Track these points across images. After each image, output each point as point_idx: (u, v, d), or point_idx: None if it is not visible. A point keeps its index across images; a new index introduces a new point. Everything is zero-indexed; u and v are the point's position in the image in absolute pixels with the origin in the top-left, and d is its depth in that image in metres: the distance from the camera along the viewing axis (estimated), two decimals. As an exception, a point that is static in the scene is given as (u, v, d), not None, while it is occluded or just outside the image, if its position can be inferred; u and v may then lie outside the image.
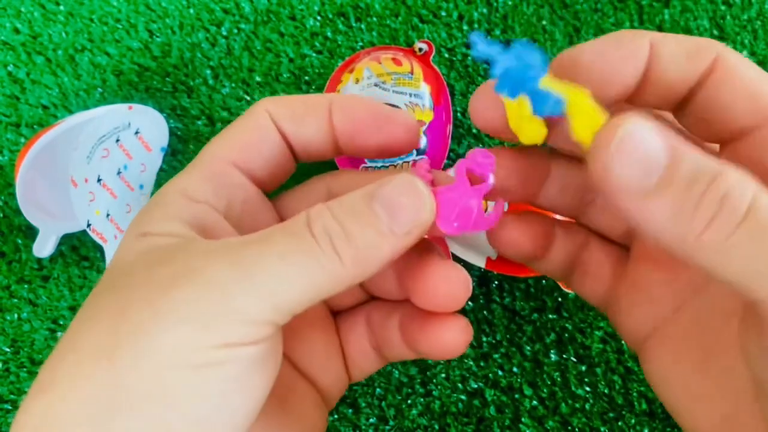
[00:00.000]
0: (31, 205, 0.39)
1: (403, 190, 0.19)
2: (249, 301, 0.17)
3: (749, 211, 0.15)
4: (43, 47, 0.45)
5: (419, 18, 0.43)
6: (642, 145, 0.16)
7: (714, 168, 0.16)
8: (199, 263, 0.18)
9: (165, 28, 0.44)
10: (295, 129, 0.22)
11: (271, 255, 0.17)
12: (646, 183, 0.16)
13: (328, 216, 0.18)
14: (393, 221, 0.18)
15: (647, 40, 0.19)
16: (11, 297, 0.40)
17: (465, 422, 0.35)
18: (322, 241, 0.18)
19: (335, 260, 0.18)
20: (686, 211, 0.16)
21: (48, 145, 0.38)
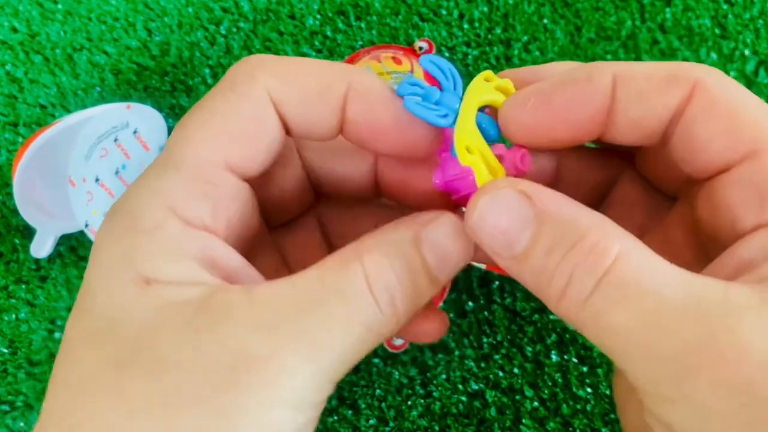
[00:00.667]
0: (29, 205, 0.38)
1: (453, 236, 0.17)
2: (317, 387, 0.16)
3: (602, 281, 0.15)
4: (41, 46, 0.44)
5: (419, 16, 0.43)
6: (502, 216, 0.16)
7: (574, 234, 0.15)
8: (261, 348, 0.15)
9: (163, 26, 0.44)
10: (300, 116, 0.18)
11: (336, 328, 0.16)
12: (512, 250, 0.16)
13: (388, 271, 0.16)
14: (440, 271, 0.17)
15: (609, 76, 0.17)
16: (9, 297, 0.40)
17: (465, 423, 0.35)
18: (384, 303, 0.16)
19: (393, 321, 0.17)
20: (544, 282, 0.16)
21: (46, 144, 0.38)
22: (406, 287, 0.17)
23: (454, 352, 0.36)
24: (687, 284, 0.14)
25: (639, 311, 0.14)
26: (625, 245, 0.15)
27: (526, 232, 0.16)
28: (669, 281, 0.14)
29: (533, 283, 0.16)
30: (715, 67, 0.18)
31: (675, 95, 0.17)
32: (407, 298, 0.17)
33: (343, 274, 0.16)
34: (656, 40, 0.41)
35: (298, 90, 0.18)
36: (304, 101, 0.18)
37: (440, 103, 0.18)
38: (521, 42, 0.41)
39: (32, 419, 0.37)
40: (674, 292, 0.14)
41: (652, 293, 0.14)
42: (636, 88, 0.17)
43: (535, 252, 0.16)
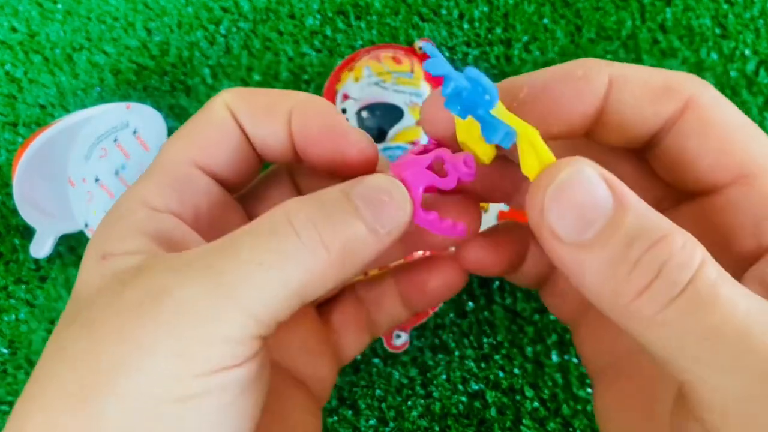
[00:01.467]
0: (29, 205, 0.38)
1: (384, 189, 0.17)
2: (229, 318, 0.15)
3: (689, 286, 0.14)
4: (40, 46, 0.44)
5: (420, 16, 0.43)
6: (582, 193, 0.15)
7: (661, 228, 0.15)
8: (167, 281, 0.16)
9: (163, 26, 0.44)
10: (254, 129, 0.20)
11: (248, 262, 0.16)
12: (582, 234, 0.15)
13: (312, 208, 0.17)
14: (376, 219, 0.17)
15: (605, 77, 0.17)
16: (9, 297, 0.40)
17: (466, 424, 0.35)
18: (306, 235, 0.16)
19: (321, 254, 0.16)
20: (621, 273, 0.15)
21: (45, 144, 0.38)
22: (336, 223, 0.16)
23: (454, 352, 0.36)
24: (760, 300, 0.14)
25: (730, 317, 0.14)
26: (704, 253, 0.14)
27: (603, 217, 0.15)
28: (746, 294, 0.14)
29: (600, 275, 0.15)
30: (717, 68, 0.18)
31: (668, 107, 0.17)
32: (339, 234, 0.16)
33: (264, 217, 0.17)
34: (656, 39, 0.41)
35: (250, 104, 0.20)
36: (255, 114, 0.20)
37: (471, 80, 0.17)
38: (521, 42, 0.41)
39: (32, 420, 0.37)
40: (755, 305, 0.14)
41: (739, 303, 0.14)
42: (630, 93, 0.17)
43: (613, 240, 0.15)
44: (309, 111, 0.20)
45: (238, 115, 0.20)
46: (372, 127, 0.37)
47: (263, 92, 0.21)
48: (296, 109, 0.20)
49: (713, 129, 0.17)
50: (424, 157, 0.19)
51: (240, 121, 0.20)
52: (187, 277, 0.16)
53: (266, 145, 0.21)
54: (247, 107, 0.20)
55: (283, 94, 0.21)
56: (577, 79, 0.18)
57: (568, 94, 0.18)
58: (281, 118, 0.20)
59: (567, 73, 0.18)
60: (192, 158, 0.20)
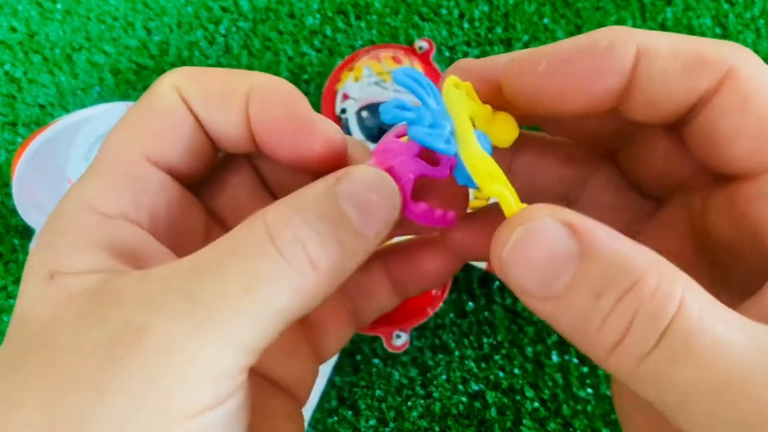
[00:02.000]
0: (28, 205, 0.38)
1: (372, 186, 0.16)
2: (217, 355, 0.14)
3: (663, 337, 0.13)
4: (40, 46, 0.44)
5: (420, 16, 0.43)
6: (542, 249, 0.14)
7: (631, 272, 0.13)
8: (142, 318, 0.14)
9: (163, 26, 0.44)
10: (208, 115, 0.18)
11: (231, 290, 0.14)
12: (549, 289, 0.14)
13: (297, 222, 0.15)
14: (364, 223, 0.16)
15: (632, 48, 0.16)
16: (8, 298, 0.39)
17: (466, 424, 0.35)
18: (292, 255, 0.15)
19: (310, 276, 0.15)
20: (592, 328, 0.14)
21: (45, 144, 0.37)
22: (324, 238, 0.15)
23: (454, 352, 0.36)
24: (752, 335, 0.13)
25: (708, 368, 0.13)
26: (685, 286, 0.13)
27: (569, 269, 0.14)
28: (733, 331, 0.13)
29: (573, 329, 0.14)
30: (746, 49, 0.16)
31: (702, 81, 0.15)
32: (327, 250, 0.15)
33: (243, 233, 0.15)
34: (657, 39, 0.40)
35: (202, 86, 0.18)
36: (208, 98, 0.18)
37: (435, 124, 0.16)
38: (522, 41, 0.41)
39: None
40: (741, 345, 0.13)
41: (721, 348, 0.13)
42: (660, 67, 0.16)
43: (580, 293, 0.14)
44: (268, 96, 0.18)
45: (189, 99, 0.18)
46: (372, 127, 0.37)
47: (216, 72, 0.18)
48: (254, 93, 0.18)
49: (754, 107, 0.15)
50: (412, 143, 0.17)
51: (191, 106, 0.18)
52: (166, 313, 0.14)
53: (222, 134, 0.18)
54: (199, 90, 0.18)
55: (240, 75, 0.18)
56: (602, 52, 0.16)
57: (591, 69, 0.16)
58: (237, 103, 0.18)
59: (590, 45, 0.16)
60: (142, 151, 0.17)
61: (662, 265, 0.14)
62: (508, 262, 0.14)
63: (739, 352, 0.13)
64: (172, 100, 0.18)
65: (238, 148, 0.19)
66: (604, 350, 0.14)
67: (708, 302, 0.13)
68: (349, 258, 0.16)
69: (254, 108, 0.18)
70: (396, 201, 0.16)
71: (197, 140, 0.18)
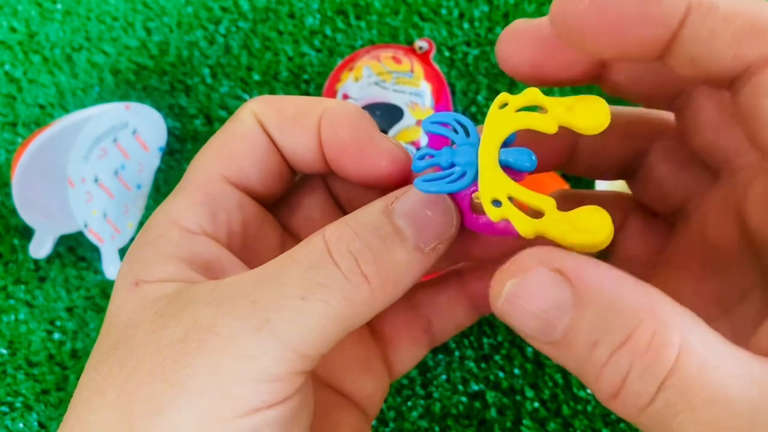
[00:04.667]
0: (28, 206, 0.38)
1: (427, 203, 0.17)
2: (275, 356, 0.15)
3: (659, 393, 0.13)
4: (40, 46, 0.44)
5: (420, 16, 0.43)
6: (536, 301, 0.14)
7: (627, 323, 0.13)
8: (209, 319, 0.15)
9: (163, 26, 0.44)
10: (283, 138, 0.20)
11: (291, 296, 0.15)
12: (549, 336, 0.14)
13: (351, 237, 0.16)
14: (419, 237, 0.17)
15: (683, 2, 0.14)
16: (8, 298, 0.39)
17: (466, 424, 0.35)
18: (347, 268, 0.16)
19: (364, 287, 0.16)
20: (590, 375, 0.14)
21: (45, 144, 0.38)
22: (376, 253, 0.16)
23: (454, 352, 0.36)
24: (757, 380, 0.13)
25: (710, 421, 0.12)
26: (684, 332, 0.13)
27: (565, 316, 0.14)
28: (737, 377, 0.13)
29: (576, 372, 0.14)
30: None
31: (751, 51, 0.14)
32: (379, 265, 0.16)
33: (304, 246, 0.16)
34: (657, 39, 0.40)
35: (277, 113, 0.20)
36: (283, 122, 0.19)
37: (456, 161, 0.17)
38: (521, 41, 0.41)
39: (31, 420, 0.37)
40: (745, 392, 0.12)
41: (723, 398, 0.12)
42: (708, 28, 0.14)
43: (578, 341, 0.14)
44: (337, 119, 0.19)
45: (267, 124, 0.20)
46: (372, 127, 0.37)
47: (292, 100, 0.20)
48: (325, 117, 0.19)
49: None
50: None
51: (268, 131, 0.20)
52: (231, 313, 0.15)
53: (297, 156, 0.20)
54: (275, 116, 0.20)
55: (312, 102, 0.20)
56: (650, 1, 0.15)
57: (636, 14, 0.15)
58: (310, 127, 0.19)
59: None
60: (222, 173, 0.19)
61: (661, 309, 0.13)
62: (504, 313, 0.15)
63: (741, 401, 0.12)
64: (251, 125, 0.19)
65: (312, 169, 0.20)
66: (605, 397, 0.14)
67: (712, 347, 0.13)
68: (403, 271, 0.17)
69: (325, 130, 0.19)
70: (452, 217, 0.17)
71: (273, 162, 0.20)
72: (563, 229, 0.15)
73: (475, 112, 0.40)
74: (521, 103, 0.17)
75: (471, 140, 0.17)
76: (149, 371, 0.15)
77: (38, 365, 0.38)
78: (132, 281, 0.17)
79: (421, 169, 0.18)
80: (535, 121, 0.16)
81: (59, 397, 0.37)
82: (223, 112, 0.42)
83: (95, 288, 0.39)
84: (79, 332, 0.38)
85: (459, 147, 0.17)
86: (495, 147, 0.16)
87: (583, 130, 0.16)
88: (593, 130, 0.15)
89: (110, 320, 0.17)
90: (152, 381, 0.15)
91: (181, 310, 0.16)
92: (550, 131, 0.16)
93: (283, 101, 0.20)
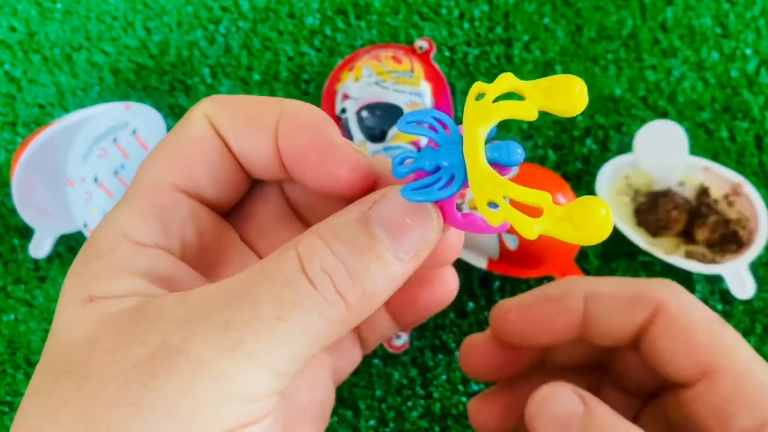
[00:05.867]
0: (28, 205, 0.38)
1: (407, 209, 0.16)
2: (250, 378, 0.15)
3: None
4: (39, 45, 0.44)
5: (420, 16, 0.42)
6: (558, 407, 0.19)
7: None
8: (179, 340, 0.14)
9: (162, 26, 0.44)
10: (238, 143, 0.18)
11: (265, 316, 0.15)
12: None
13: (326, 254, 0.15)
14: (398, 246, 0.16)
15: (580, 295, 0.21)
16: (7, 298, 0.39)
17: (466, 425, 0.35)
18: (323, 287, 0.15)
19: (339, 306, 0.15)
20: None
21: (44, 144, 0.38)
22: (351, 270, 0.15)
23: (454, 352, 0.36)
24: None
25: None
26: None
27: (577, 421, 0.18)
28: None
29: None
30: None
31: (638, 315, 0.21)
32: (355, 282, 0.16)
33: (276, 260, 0.16)
34: (657, 39, 0.40)
35: (231, 113, 0.18)
36: (236, 124, 0.18)
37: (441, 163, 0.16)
38: (522, 41, 0.41)
39: (31, 420, 0.37)
40: None
41: None
42: (604, 307, 0.21)
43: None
44: (295, 122, 0.18)
45: (220, 127, 0.18)
46: (372, 127, 0.37)
47: (247, 100, 0.19)
48: (282, 120, 0.18)
49: (680, 332, 0.20)
50: None
51: (222, 134, 0.18)
52: (202, 334, 0.15)
53: (252, 161, 0.19)
54: (229, 118, 0.18)
55: (269, 102, 0.18)
56: (556, 301, 0.22)
57: (550, 314, 0.22)
58: (267, 130, 0.18)
59: (546, 296, 0.22)
60: (173, 181, 0.18)
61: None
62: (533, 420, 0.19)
63: None
64: (202, 129, 0.18)
65: (269, 175, 0.19)
66: None
67: None
68: (380, 286, 0.16)
69: (282, 134, 0.18)
70: (434, 223, 0.16)
71: (227, 168, 0.19)
72: (565, 228, 0.15)
73: (475, 112, 0.40)
74: (498, 91, 0.16)
75: (453, 138, 0.16)
76: (113, 394, 0.14)
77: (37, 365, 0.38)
78: (84, 297, 0.16)
79: (403, 174, 0.17)
80: (516, 110, 0.16)
81: (59, 397, 0.37)
82: (223, 111, 0.42)
83: (95, 288, 0.39)
84: (79, 332, 0.38)
85: (441, 147, 0.16)
86: (480, 144, 0.16)
87: (561, 113, 0.16)
88: (572, 112, 0.16)
89: (59, 338, 0.16)
90: (116, 404, 0.14)
91: (145, 327, 0.15)
92: (531, 118, 0.16)
93: (237, 102, 0.19)
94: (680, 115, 0.39)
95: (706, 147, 0.38)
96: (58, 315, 0.16)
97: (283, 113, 0.18)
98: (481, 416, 0.24)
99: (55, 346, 0.16)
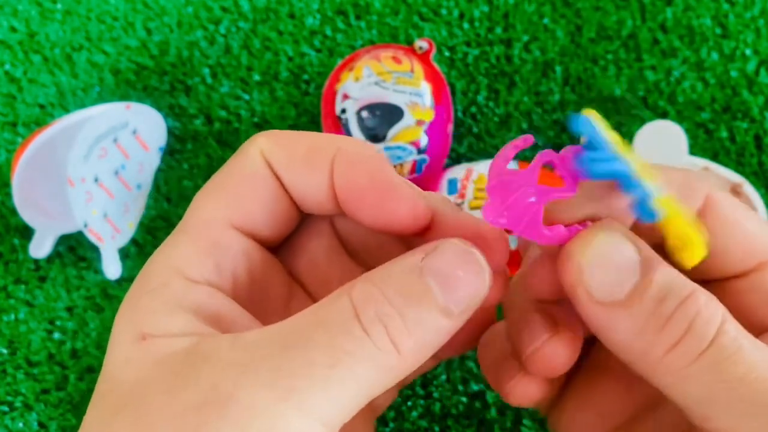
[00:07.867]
0: (28, 205, 0.38)
1: (459, 262, 0.16)
2: (297, 425, 0.14)
3: (715, 339, 0.15)
4: (40, 46, 0.44)
5: (420, 16, 0.43)
6: (614, 255, 0.16)
7: (686, 287, 0.16)
8: (230, 385, 0.15)
9: (163, 26, 0.44)
10: (293, 180, 0.19)
11: (317, 364, 0.15)
12: (616, 292, 0.16)
13: (380, 301, 0.15)
14: (449, 299, 0.16)
15: None
16: (8, 298, 0.39)
17: (466, 424, 0.35)
18: (376, 335, 0.15)
19: (392, 356, 0.15)
20: (652, 329, 0.16)
21: (45, 144, 0.38)
22: (406, 319, 0.15)
23: (454, 352, 0.36)
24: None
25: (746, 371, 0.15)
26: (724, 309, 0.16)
27: (632, 279, 0.16)
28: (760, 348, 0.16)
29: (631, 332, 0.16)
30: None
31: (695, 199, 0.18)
32: (410, 331, 0.15)
33: (330, 307, 0.16)
34: (657, 39, 0.40)
35: (287, 151, 0.18)
36: (293, 163, 0.18)
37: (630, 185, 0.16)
38: (522, 41, 0.41)
39: (31, 420, 0.37)
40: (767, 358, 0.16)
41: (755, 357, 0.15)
42: None
43: (645, 298, 0.16)
44: (353, 161, 0.18)
45: (275, 164, 0.18)
46: (372, 127, 0.37)
47: (302, 137, 0.19)
48: (339, 158, 0.18)
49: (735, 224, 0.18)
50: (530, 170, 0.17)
51: (277, 171, 0.19)
52: (254, 380, 0.15)
53: (306, 198, 0.19)
54: (285, 155, 0.18)
55: (325, 140, 0.19)
56: None
57: None
58: (323, 168, 0.18)
59: None
60: (227, 218, 0.18)
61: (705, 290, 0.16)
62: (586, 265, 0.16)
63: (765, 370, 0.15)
64: (258, 165, 0.18)
65: (322, 210, 0.19)
66: (663, 350, 0.15)
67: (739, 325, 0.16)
68: (432, 336, 0.16)
69: (339, 173, 0.18)
70: (485, 276, 0.16)
71: (281, 204, 0.19)
72: None
73: (475, 112, 0.40)
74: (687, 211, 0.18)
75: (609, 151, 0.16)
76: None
77: (38, 365, 0.38)
78: (137, 334, 0.16)
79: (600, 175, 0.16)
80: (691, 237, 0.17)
81: (59, 397, 0.37)
82: (223, 112, 0.42)
83: (95, 288, 0.39)
84: (79, 332, 0.38)
85: None
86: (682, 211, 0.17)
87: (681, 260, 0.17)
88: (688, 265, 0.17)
89: (114, 375, 0.16)
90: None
91: (198, 370, 0.15)
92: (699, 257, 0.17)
93: (292, 138, 0.19)
94: (680, 116, 0.39)
95: (706, 147, 0.38)
96: (111, 349, 0.17)
97: (339, 151, 0.18)
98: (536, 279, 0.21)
99: (108, 384, 0.16)
